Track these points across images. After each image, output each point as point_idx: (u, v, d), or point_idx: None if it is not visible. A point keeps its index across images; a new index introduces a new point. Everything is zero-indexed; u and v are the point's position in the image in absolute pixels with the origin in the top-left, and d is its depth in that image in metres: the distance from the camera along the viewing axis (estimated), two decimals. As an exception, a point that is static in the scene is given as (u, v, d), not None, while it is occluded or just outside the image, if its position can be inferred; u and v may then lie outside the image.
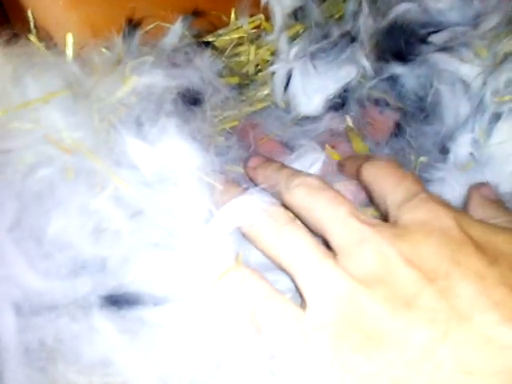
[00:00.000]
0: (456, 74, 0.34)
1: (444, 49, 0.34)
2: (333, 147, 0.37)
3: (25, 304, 0.22)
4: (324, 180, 0.26)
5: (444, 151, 0.34)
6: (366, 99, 0.40)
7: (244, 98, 0.39)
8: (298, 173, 0.27)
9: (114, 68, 0.30)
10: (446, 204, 0.23)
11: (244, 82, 0.39)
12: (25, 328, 0.22)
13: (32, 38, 0.33)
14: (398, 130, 0.39)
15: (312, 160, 0.36)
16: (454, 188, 0.29)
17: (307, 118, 0.40)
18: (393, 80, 0.40)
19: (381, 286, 0.20)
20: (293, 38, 0.40)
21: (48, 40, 0.35)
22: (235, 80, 0.38)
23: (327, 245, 0.23)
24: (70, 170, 0.23)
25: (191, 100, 0.37)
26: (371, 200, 0.28)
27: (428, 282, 0.20)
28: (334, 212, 0.23)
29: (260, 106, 0.39)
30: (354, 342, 0.20)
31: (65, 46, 0.33)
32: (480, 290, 0.19)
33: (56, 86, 0.25)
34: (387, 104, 0.40)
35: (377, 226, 0.22)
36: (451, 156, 0.33)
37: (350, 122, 0.38)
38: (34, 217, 0.23)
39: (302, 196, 0.25)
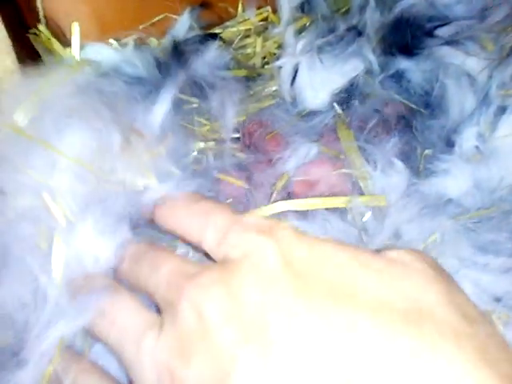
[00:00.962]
0: (462, 68, 0.34)
1: (450, 42, 0.35)
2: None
3: None
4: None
5: (449, 144, 0.35)
6: (372, 95, 0.40)
7: (251, 92, 0.39)
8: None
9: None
10: (263, 228, 0.21)
11: (251, 75, 0.39)
12: None
13: (41, 27, 0.34)
14: (403, 124, 0.39)
15: (307, 150, 0.37)
16: (457, 179, 0.29)
17: (313, 113, 0.40)
18: (399, 75, 0.40)
19: (198, 356, 0.19)
20: (300, 31, 0.41)
21: (57, 30, 0.35)
22: (242, 73, 0.38)
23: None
24: (44, 241, 0.22)
25: (198, 92, 0.37)
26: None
27: (245, 344, 0.18)
28: (155, 275, 0.22)
29: (267, 103, 0.39)
30: None
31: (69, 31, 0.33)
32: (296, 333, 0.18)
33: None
34: (392, 99, 0.41)
35: (195, 278, 0.21)
36: (456, 149, 0.33)
37: (338, 109, 0.38)
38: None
39: (127, 265, 0.24)
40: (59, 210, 0.22)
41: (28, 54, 0.33)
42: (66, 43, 0.34)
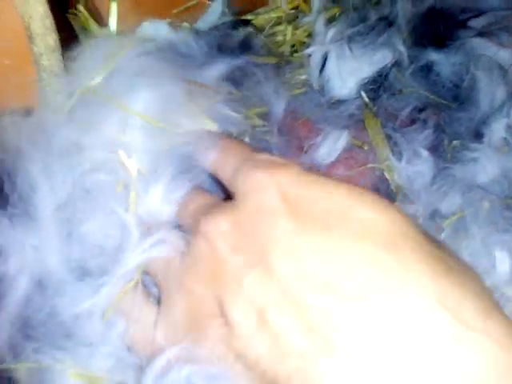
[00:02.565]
0: (494, 59, 0.34)
1: (483, 33, 0.34)
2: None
3: (39, 277, 0.24)
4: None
5: (478, 136, 0.34)
6: (400, 86, 0.41)
7: (282, 80, 0.39)
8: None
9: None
10: (271, 166, 0.23)
11: (280, 63, 0.40)
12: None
13: (80, 8, 0.35)
14: (431, 115, 0.39)
15: (337, 138, 0.37)
16: (485, 168, 0.29)
17: (341, 102, 0.40)
18: (428, 67, 0.40)
19: (208, 278, 0.22)
20: (330, 21, 0.41)
21: (95, 12, 0.36)
22: (272, 60, 0.39)
23: None
24: (120, 188, 0.24)
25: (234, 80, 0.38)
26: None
27: (249, 269, 0.20)
28: (184, 212, 0.26)
29: (297, 91, 0.39)
30: None
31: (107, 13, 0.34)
32: (297, 265, 0.20)
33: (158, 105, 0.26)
34: (420, 91, 0.41)
35: (209, 213, 0.23)
36: (485, 140, 0.33)
37: (365, 97, 0.38)
38: (76, 209, 0.24)
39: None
40: (133, 164, 0.24)
41: (67, 34, 0.34)
42: (102, 24, 0.35)
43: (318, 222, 0.20)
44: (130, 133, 0.24)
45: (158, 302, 0.25)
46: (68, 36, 0.34)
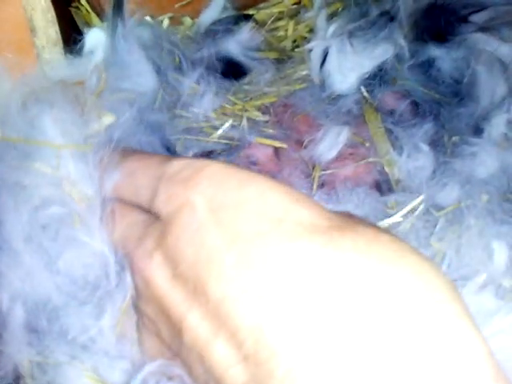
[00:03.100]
0: (495, 54, 0.34)
1: (484, 28, 0.34)
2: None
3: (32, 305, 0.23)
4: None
5: (477, 132, 0.34)
6: (400, 81, 0.41)
7: (282, 75, 0.39)
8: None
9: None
10: (189, 177, 0.20)
11: (282, 57, 0.40)
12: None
13: (82, 1, 0.35)
14: (431, 111, 0.39)
15: (337, 134, 0.37)
16: (485, 163, 0.29)
17: (341, 97, 0.41)
18: (429, 63, 0.40)
19: (154, 319, 0.21)
20: (331, 16, 0.41)
21: (97, 6, 0.37)
22: (274, 55, 0.39)
23: None
24: (77, 219, 0.23)
25: (232, 72, 0.38)
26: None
27: (190, 304, 0.19)
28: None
29: (298, 86, 0.40)
30: None
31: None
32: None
33: (76, 136, 0.25)
34: (420, 87, 0.41)
35: (140, 245, 0.21)
36: (485, 135, 0.33)
37: (364, 92, 0.38)
38: (44, 244, 0.24)
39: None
40: (77, 195, 0.23)
41: (69, 27, 0.34)
42: (104, 18, 0.35)
43: (250, 228, 0.18)
44: (63, 164, 0.24)
45: None
46: (70, 29, 0.34)
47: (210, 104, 0.36)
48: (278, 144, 0.35)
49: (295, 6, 0.41)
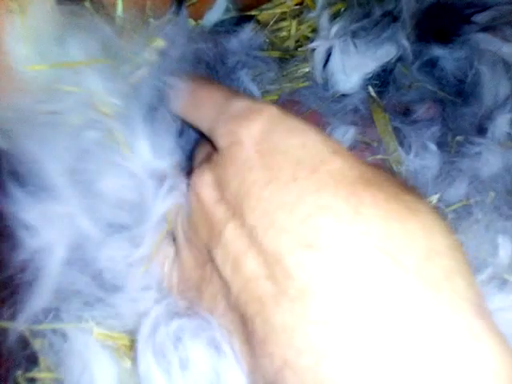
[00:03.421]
0: (498, 54, 0.34)
1: (487, 28, 0.34)
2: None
3: (75, 244, 0.24)
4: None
5: (481, 131, 0.35)
6: (404, 81, 0.41)
7: (285, 73, 0.39)
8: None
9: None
10: (247, 115, 0.23)
11: (284, 57, 0.40)
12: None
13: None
14: (435, 111, 0.39)
15: (343, 133, 0.37)
16: (489, 162, 0.29)
17: (345, 96, 0.41)
18: (432, 63, 0.40)
19: (201, 227, 0.24)
20: (334, 16, 0.41)
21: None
22: (276, 54, 0.39)
23: None
24: (117, 133, 0.24)
25: (230, 69, 0.38)
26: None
27: (227, 221, 0.22)
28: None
29: (301, 84, 0.40)
30: None
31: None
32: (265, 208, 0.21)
33: (96, 50, 0.26)
34: (424, 87, 0.41)
35: (199, 167, 0.25)
36: (489, 135, 0.33)
37: (372, 92, 0.38)
38: (86, 170, 0.25)
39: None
40: (109, 110, 0.24)
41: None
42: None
43: (287, 173, 0.21)
44: (92, 82, 0.24)
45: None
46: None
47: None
48: None
49: (298, 7, 0.41)
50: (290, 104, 0.38)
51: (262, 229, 0.20)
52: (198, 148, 0.28)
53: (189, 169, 0.28)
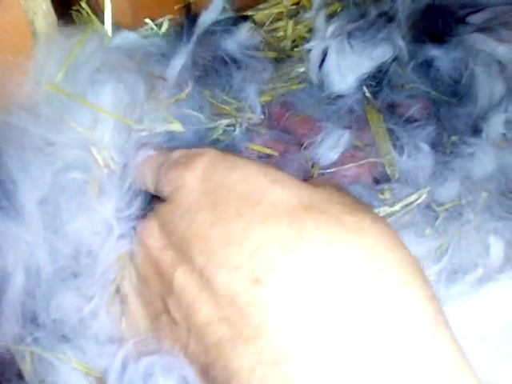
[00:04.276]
0: (493, 55, 0.34)
1: (482, 29, 0.35)
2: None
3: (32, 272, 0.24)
4: None
5: (476, 131, 0.35)
6: (400, 82, 0.41)
7: (280, 73, 0.40)
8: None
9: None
10: (187, 161, 0.24)
11: (280, 57, 0.40)
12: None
13: (83, 4, 0.35)
14: (430, 111, 0.39)
15: (338, 137, 0.37)
16: (483, 162, 0.29)
17: (340, 97, 0.41)
18: (428, 63, 0.40)
19: (151, 278, 0.24)
20: (331, 16, 0.41)
21: (97, 9, 0.37)
22: (272, 54, 0.39)
23: None
24: (96, 186, 0.25)
25: (226, 71, 0.38)
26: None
27: (177, 266, 0.22)
28: None
29: (295, 86, 0.40)
30: None
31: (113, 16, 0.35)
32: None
33: (123, 103, 0.26)
34: (419, 87, 0.41)
35: (144, 218, 0.25)
36: (483, 135, 0.33)
37: (367, 92, 0.38)
38: (59, 206, 0.25)
39: None
40: (103, 160, 0.24)
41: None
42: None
43: (232, 210, 0.21)
44: (100, 129, 0.24)
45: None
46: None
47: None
48: (268, 151, 0.35)
49: (294, 7, 0.41)
50: (284, 105, 0.38)
51: (212, 270, 0.20)
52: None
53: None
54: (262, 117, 0.38)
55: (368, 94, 0.38)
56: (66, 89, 0.25)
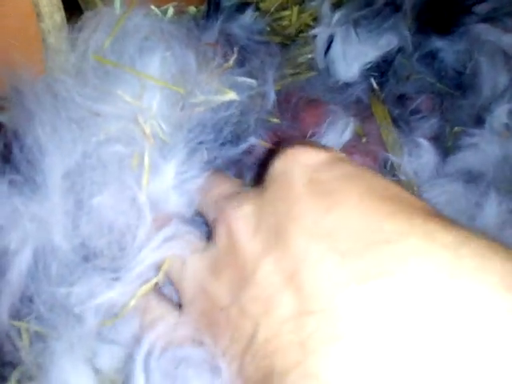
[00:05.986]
0: (497, 45, 0.34)
1: (487, 19, 0.34)
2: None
3: (43, 252, 0.22)
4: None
5: (479, 122, 0.35)
6: (404, 72, 0.41)
7: (287, 57, 0.39)
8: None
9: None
10: (304, 154, 0.21)
11: (286, 42, 0.40)
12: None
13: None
14: (434, 103, 0.39)
15: (343, 127, 0.37)
16: (486, 153, 0.29)
17: (347, 86, 0.41)
18: (432, 55, 0.40)
19: (226, 270, 0.21)
20: (336, 5, 0.41)
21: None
22: (277, 39, 0.39)
23: None
24: (136, 160, 0.23)
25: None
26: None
27: (266, 253, 0.20)
28: (206, 199, 0.25)
29: (303, 74, 0.39)
30: None
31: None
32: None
33: (172, 72, 0.25)
34: (423, 78, 0.41)
35: (232, 199, 0.23)
36: (486, 126, 0.33)
37: (374, 84, 0.38)
38: (86, 180, 0.23)
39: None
40: (151, 130, 0.23)
41: (73, 13, 0.34)
42: (108, 4, 0.36)
43: (352, 199, 0.19)
44: (147, 98, 0.23)
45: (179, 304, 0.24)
46: (74, 15, 0.34)
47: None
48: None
49: (300, -5, 0.41)
50: (293, 93, 0.38)
51: (308, 261, 0.18)
52: (209, 185, 0.25)
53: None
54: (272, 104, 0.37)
55: (375, 86, 0.38)
56: (113, 58, 0.24)
